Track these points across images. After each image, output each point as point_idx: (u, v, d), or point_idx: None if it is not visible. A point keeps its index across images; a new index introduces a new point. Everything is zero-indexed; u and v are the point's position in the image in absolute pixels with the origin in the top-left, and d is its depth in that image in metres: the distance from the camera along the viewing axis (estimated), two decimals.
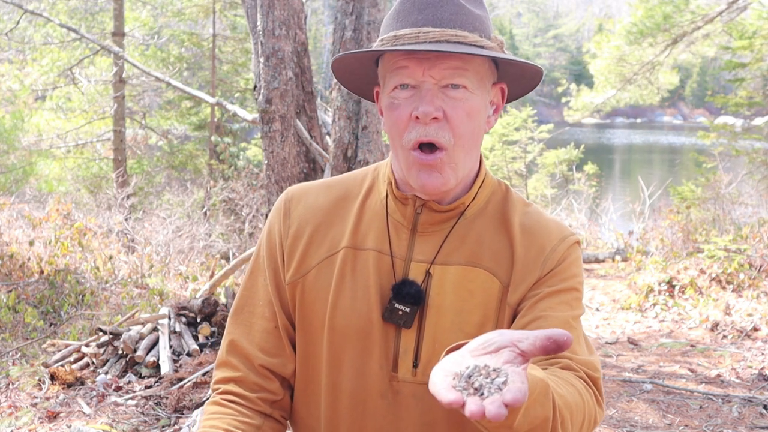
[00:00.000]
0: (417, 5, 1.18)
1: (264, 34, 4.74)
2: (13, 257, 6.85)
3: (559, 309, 1.21)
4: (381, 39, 1.21)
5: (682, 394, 4.02)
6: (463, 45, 1.16)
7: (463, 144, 1.20)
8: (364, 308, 1.26)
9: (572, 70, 60.93)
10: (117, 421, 3.48)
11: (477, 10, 1.20)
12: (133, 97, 15.77)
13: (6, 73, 15.45)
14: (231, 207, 12.76)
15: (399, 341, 1.25)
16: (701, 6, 10.10)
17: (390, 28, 1.21)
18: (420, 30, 1.16)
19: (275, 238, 1.34)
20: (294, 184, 4.92)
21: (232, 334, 1.34)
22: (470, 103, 1.19)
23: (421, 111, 1.16)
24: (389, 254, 1.27)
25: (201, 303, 4.77)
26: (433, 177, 1.20)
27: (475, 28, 1.18)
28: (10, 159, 13.67)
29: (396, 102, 1.20)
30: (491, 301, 1.24)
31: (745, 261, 6.31)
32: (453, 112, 1.17)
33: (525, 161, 12.11)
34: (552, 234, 1.27)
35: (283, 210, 1.36)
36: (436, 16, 1.17)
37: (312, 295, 1.30)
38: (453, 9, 1.17)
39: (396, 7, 1.21)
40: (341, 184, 1.37)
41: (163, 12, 16.19)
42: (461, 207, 1.28)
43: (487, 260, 1.25)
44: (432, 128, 1.17)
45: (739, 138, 10.09)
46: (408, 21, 1.18)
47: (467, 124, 1.19)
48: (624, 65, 11.06)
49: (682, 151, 30.86)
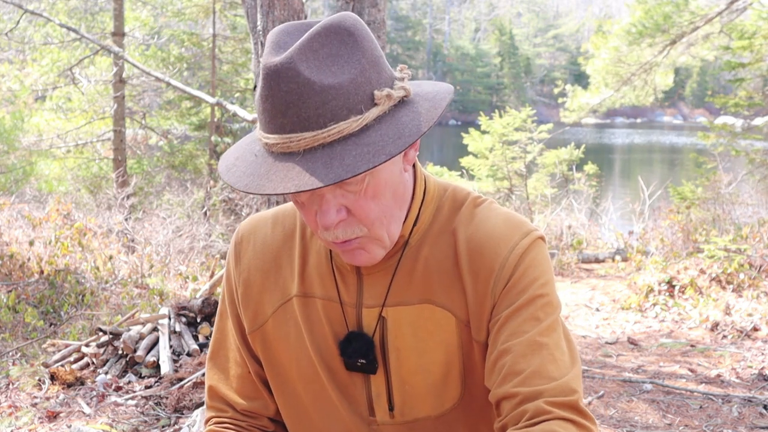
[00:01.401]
0: (278, 107, 0.99)
1: (264, 34, 4.74)
2: (13, 257, 6.85)
3: (522, 330, 1.09)
4: (258, 137, 1.06)
5: (682, 394, 4.02)
6: (341, 144, 0.98)
7: (379, 224, 1.09)
8: (325, 359, 1.21)
9: (572, 71, 60.90)
10: (117, 421, 3.48)
11: (345, 74, 1.00)
12: (133, 97, 15.77)
13: (6, 73, 15.45)
14: (231, 207, 12.76)
15: (369, 386, 1.21)
16: (700, 6, 10.10)
17: (261, 123, 1.04)
18: (290, 138, 0.99)
19: (232, 284, 1.29)
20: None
21: (211, 380, 1.32)
22: (373, 185, 1.06)
23: (322, 224, 1.06)
24: (338, 301, 1.20)
25: (201, 303, 4.77)
26: (358, 255, 1.12)
27: (350, 108, 0.99)
28: (10, 159, 13.66)
29: (299, 201, 1.09)
30: (452, 339, 1.16)
31: (745, 261, 6.31)
32: (356, 207, 1.06)
33: (525, 161, 12.10)
34: (500, 246, 1.14)
35: (234, 255, 1.29)
36: (302, 117, 0.98)
37: (275, 345, 1.25)
38: (317, 101, 0.98)
39: (258, 101, 1.03)
40: (288, 218, 1.28)
41: (163, 12, 16.19)
42: (402, 239, 1.18)
43: (439, 295, 1.16)
44: (340, 230, 1.07)
45: (739, 138, 10.09)
46: (274, 125, 1.01)
47: (376, 206, 1.07)
48: (621, 66, 11.07)
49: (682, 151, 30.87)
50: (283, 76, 0.98)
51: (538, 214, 11.00)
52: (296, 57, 0.99)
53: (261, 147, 1.05)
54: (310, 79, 0.98)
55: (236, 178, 1.04)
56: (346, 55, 1.01)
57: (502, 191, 12.26)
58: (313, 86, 0.98)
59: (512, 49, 61.75)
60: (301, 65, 0.98)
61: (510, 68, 60.57)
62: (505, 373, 1.08)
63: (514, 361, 1.08)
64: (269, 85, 0.99)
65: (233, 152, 1.11)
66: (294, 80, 0.98)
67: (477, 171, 12.55)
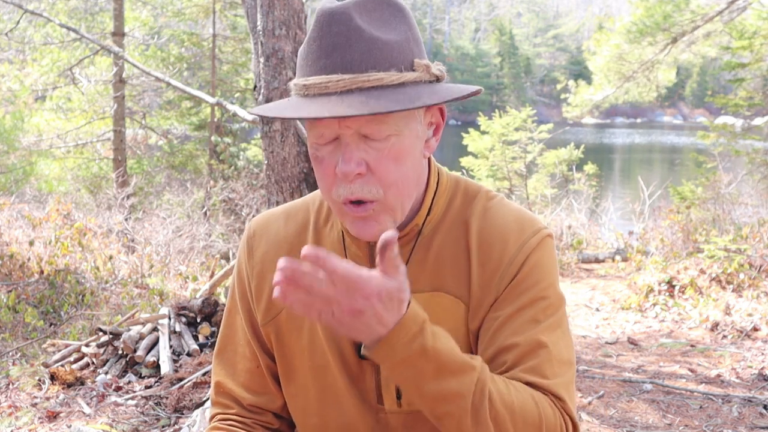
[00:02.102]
0: (324, 48, 1.05)
1: (264, 34, 4.74)
2: (13, 257, 6.86)
3: (525, 330, 1.14)
4: (294, 83, 1.11)
5: (682, 394, 4.02)
6: (378, 90, 1.04)
7: (396, 191, 1.11)
8: (337, 348, 1.23)
9: (572, 70, 60.89)
10: (117, 421, 3.48)
11: (394, 36, 1.07)
12: (133, 97, 15.77)
13: (6, 73, 15.45)
14: (231, 207, 12.76)
15: (379, 375, 1.23)
16: (701, 5, 10.10)
17: (301, 71, 1.09)
18: (329, 78, 1.04)
19: (244, 278, 1.31)
20: (294, 184, 4.93)
21: (218, 375, 1.33)
22: (397, 147, 1.08)
23: (340, 170, 1.07)
24: None
25: (201, 303, 4.77)
26: (368, 227, 1.13)
27: (392, 63, 1.05)
28: (10, 159, 13.66)
29: (319, 155, 1.11)
30: (460, 327, 1.19)
31: (745, 261, 6.31)
32: (377, 164, 1.08)
33: (525, 161, 12.10)
34: (509, 242, 1.18)
35: (246, 249, 1.32)
36: (345, 60, 1.03)
37: (288, 336, 1.27)
38: (363, 47, 1.04)
39: (304, 46, 1.08)
40: (300, 212, 1.31)
41: (163, 12, 16.19)
42: (416, 228, 1.21)
43: (449, 283, 1.20)
44: (357, 185, 1.08)
45: (739, 138, 10.09)
46: (316, 67, 1.05)
47: (396, 170, 1.09)
48: (623, 64, 11.07)
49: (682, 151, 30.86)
50: (336, 19, 1.05)
51: (538, 214, 10.99)
52: (351, 7, 1.06)
53: (294, 94, 1.10)
54: (361, 26, 1.05)
55: (268, 110, 1.11)
56: (394, 23, 1.08)
57: (502, 191, 12.26)
58: (362, 33, 1.04)
59: (512, 49, 61.73)
60: (355, 14, 1.05)
61: (510, 68, 60.56)
62: (505, 369, 1.12)
63: (514, 360, 1.12)
64: (321, 26, 1.06)
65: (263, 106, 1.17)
66: (345, 24, 1.04)
67: (477, 171, 12.54)
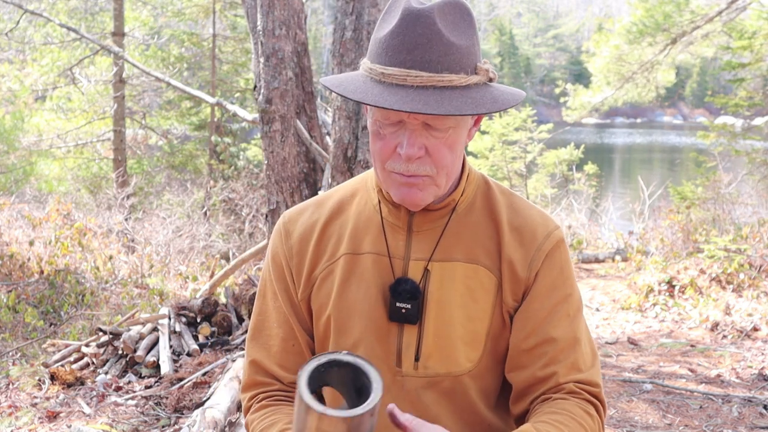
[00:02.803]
0: (406, 44, 1.17)
1: (264, 34, 4.74)
2: (13, 257, 6.85)
3: (561, 324, 1.31)
4: (369, 68, 1.21)
5: (682, 394, 4.02)
6: (449, 90, 1.16)
7: (446, 172, 1.25)
8: (366, 309, 1.32)
9: (572, 70, 60.90)
10: (117, 421, 3.48)
11: (465, 41, 1.20)
12: (133, 97, 15.76)
13: (6, 73, 15.44)
14: (231, 207, 12.76)
15: (402, 337, 1.31)
16: (701, 6, 10.10)
17: (379, 58, 1.20)
18: (408, 72, 1.16)
19: (281, 260, 1.40)
20: (294, 184, 4.94)
21: (254, 355, 1.40)
22: (453, 137, 1.23)
23: (404, 153, 1.20)
24: (387, 255, 1.33)
25: (201, 303, 4.77)
26: (412, 193, 1.25)
27: (462, 66, 1.18)
28: (10, 159, 13.66)
29: (381, 132, 1.23)
30: (489, 297, 1.31)
31: (745, 261, 6.31)
32: (435, 149, 1.22)
33: (525, 161, 12.10)
34: (537, 231, 1.33)
35: (283, 232, 1.42)
36: (425, 59, 1.16)
37: (319, 303, 1.37)
38: (441, 50, 1.17)
39: (386, 37, 1.20)
40: (332, 199, 1.43)
41: (163, 12, 16.19)
42: (452, 203, 1.34)
43: (482, 257, 1.32)
44: (414, 165, 1.22)
45: (739, 138, 10.08)
46: (397, 59, 1.17)
47: (449, 155, 1.24)
48: (623, 64, 11.06)
49: (682, 151, 30.85)
50: (421, 20, 1.17)
51: None
52: (436, 10, 1.19)
53: (370, 78, 1.20)
54: (441, 30, 1.17)
55: (350, 92, 1.20)
56: (464, 27, 1.21)
57: None
58: (442, 37, 1.17)
59: (512, 49, 61.72)
60: (438, 18, 1.18)
61: (510, 68, 60.54)
62: (548, 359, 1.29)
63: (555, 353, 1.29)
64: (406, 24, 1.17)
65: (334, 79, 1.25)
66: (429, 27, 1.17)
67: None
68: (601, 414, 1.29)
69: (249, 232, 11.11)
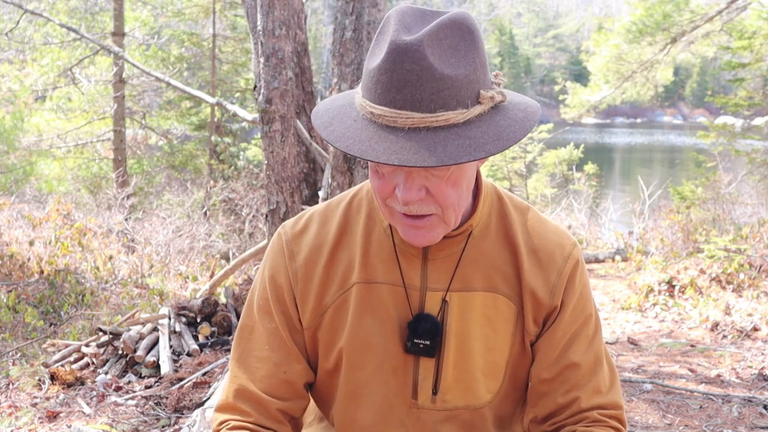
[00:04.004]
0: (395, 83, 1.04)
1: (264, 34, 4.74)
2: (13, 257, 6.85)
3: (583, 349, 1.27)
4: (361, 104, 1.11)
5: (682, 394, 4.02)
6: (445, 131, 1.04)
7: (452, 209, 1.16)
8: (382, 342, 1.25)
9: (572, 70, 60.90)
10: (117, 421, 3.48)
11: (462, 68, 1.06)
12: (133, 97, 15.76)
13: (6, 73, 15.44)
14: (231, 207, 12.76)
15: (418, 369, 1.25)
16: (701, 5, 10.10)
17: (369, 92, 1.09)
18: (399, 114, 1.04)
19: (282, 282, 1.29)
20: (294, 184, 4.93)
21: (239, 378, 1.29)
22: (456, 175, 1.13)
23: (402, 198, 1.11)
24: (402, 285, 1.25)
25: (201, 303, 4.77)
26: (420, 234, 1.17)
27: (460, 100, 1.05)
28: (10, 159, 13.66)
29: (379, 171, 1.14)
30: (509, 327, 1.26)
31: (745, 261, 6.31)
32: (437, 190, 1.12)
33: (525, 161, 12.11)
34: (555, 254, 1.27)
35: (287, 252, 1.30)
36: (415, 98, 1.04)
37: (330, 334, 1.28)
38: (434, 87, 1.04)
39: (375, 72, 1.07)
40: (337, 215, 1.31)
41: (163, 12, 16.18)
42: (469, 229, 1.26)
43: (501, 284, 1.26)
44: (415, 206, 1.13)
45: (739, 138, 10.08)
46: (386, 98, 1.05)
47: (453, 194, 1.14)
48: (622, 64, 11.06)
49: (682, 151, 30.85)
50: (409, 55, 1.03)
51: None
52: (425, 41, 1.04)
53: (361, 114, 1.10)
54: (433, 65, 1.04)
55: (337, 138, 1.09)
56: (464, 51, 1.07)
57: None
58: (434, 72, 1.03)
59: (512, 49, 61.73)
60: (428, 50, 1.04)
61: (510, 68, 60.55)
62: (570, 386, 1.26)
63: (578, 379, 1.26)
64: (393, 60, 1.04)
65: (326, 113, 1.16)
66: (419, 62, 1.03)
67: None
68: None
69: (249, 232, 11.11)
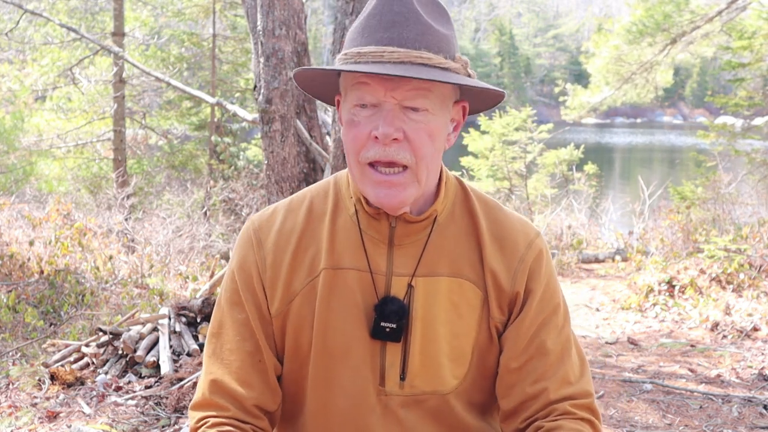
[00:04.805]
0: (383, 23, 1.15)
1: (264, 34, 4.74)
2: (13, 257, 6.85)
3: (552, 337, 1.28)
4: (345, 53, 1.19)
5: (682, 394, 4.02)
6: (427, 68, 1.14)
7: (425, 163, 1.19)
8: (349, 328, 1.26)
9: (572, 70, 60.90)
10: (117, 421, 3.48)
11: (443, 29, 1.18)
12: (133, 97, 15.76)
13: (6, 73, 15.44)
14: (231, 207, 12.76)
15: (384, 355, 1.26)
16: (701, 6, 10.10)
17: (355, 42, 1.18)
18: (384, 49, 1.14)
19: (251, 271, 1.30)
20: (294, 184, 4.93)
21: (214, 374, 1.28)
22: (431, 125, 1.18)
23: (381, 132, 1.15)
24: (368, 271, 1.27)
25: (201, 303, 4.77)
26: (392, 193, 1.20)
27: (440, 49, 1.16)
28: (10, 159, 13.66)
29: (356, 119, 1.19)
30: (474, 312, 1.27)
31: (745, 261, 6.31)
32: (414, 134, 1.17)
33: (525, 161, 12.09)
34: (518, 240, 1.30)
35: (254, 241, 1.32)
36: (402, 36, 1.14)
37: (298, 322, 1.28)
38: (419, 29, 1.15)
39: (362, 21, 1.19)
40: (304, 204, 1.34)
41: (163, 12, 16.19)
42: (434, 214, 1.28)
43: (466, 270, 1.28)
44: (392, 149, 1.17)
45: (739, 138, 10.08)
46: (373, 38, 1.15)
47: (428, 145, 1.19)
48: (622, 65, 11.06)
49: (682, 151, 30.84)
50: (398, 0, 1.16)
51: (538, 214, 10.99)
52: None
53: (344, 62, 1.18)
54: (419, 10, 1.16)
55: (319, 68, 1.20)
56: (443, 21, 1.21)
57: (502, 191, 12.26)
58: (420, 17, 1.16)
59: (512, 49, 61.73)
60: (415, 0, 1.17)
61: (510, 68, 60.55)
62: (538, 375, 1.26)
63: (546, 368, 1.26)
64: (383, 4, 1.17)
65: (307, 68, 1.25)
66: (407, 5, 1.16)
67: (477, 171, 12.54)
68: (596, 427, 1.26)
69: None
